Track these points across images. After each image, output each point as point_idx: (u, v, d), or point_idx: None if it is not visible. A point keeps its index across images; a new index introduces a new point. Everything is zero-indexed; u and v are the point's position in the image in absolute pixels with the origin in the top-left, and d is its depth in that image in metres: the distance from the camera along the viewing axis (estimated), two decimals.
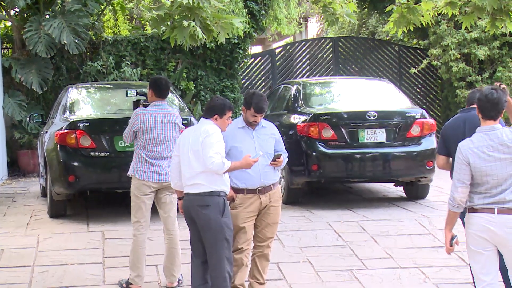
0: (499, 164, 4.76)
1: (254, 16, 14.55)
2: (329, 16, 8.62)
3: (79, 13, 13.07)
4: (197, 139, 5.54)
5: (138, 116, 6.44)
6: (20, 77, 13.13)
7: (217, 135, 5.53)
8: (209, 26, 7.33)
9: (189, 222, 5.71)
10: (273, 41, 26.07)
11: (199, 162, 5.50)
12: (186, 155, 5.59)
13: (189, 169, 5.58)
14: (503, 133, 4.79)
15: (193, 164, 5.54)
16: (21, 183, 12.68)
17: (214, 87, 14.51)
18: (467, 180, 4.82)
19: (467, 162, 4.79)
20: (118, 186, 8.99)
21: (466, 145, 4.84)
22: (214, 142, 5.47)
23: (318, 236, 8.06)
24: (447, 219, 5.00)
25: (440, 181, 11.36)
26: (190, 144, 5.58)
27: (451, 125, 5.97)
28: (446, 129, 5.98)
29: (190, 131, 5.73)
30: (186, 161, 5.60)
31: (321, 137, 9.41)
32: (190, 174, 5.57)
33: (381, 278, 6.80)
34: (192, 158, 5.55)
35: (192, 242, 5.77)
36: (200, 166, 5.50)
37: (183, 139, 5.70)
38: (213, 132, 5.52)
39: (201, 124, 5.69)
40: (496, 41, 14.77)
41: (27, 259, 7.22)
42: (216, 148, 5.45)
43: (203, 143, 5.48)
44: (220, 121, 5.66)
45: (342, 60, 16.75)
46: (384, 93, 10.66)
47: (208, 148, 5.44)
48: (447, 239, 4.97)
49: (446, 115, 16.06)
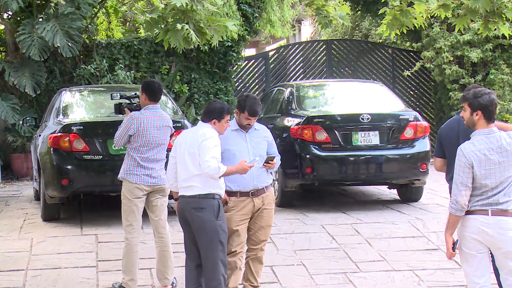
0: (498, 167, 4.77)
1: (247, 19, 14.56)
2: (323, 19, 8.62)
3: (73, 16, 13.04)
4: (194, 141, 5.54)
5: (134, 120, 6.43)
6: (13, 80, 13.10)
7: (214, 139, 5.54)
8: (203, 29, 7.32)
9: (184, 225, 5.70)
10: (267, 44, 26.07)
11: (195, 165, 5.51)
12: (182, 157, 5.60)
13: (185, 171, 5.58)
14: (502, 137, 4.80)
15: (189, 166, 5.55)
16: (15, 186, 12.65)
17: (208, 90, 14.52)
18: (470, 183, 4.80)
19: (470, 165, 4.78)
20: (111, 189, 8.98)
21: (468, 148, 4.82)
22: (211, 146, 5.47)
23: (312, 239, 8.06)
24: (448, 224, 4.93)
25: (434, 183, 11.39)
26: (187, 146, 5.58)
27: (446, 127, 5.99)
28: (442, 131, 6.00)
29: (187, 133, 5.74)
30: (182, 163, 5.61)
31: (314, 140, 9.42)
32: (185, 176, 5.58)
33: (375, 280, 6.81)
34: (188, 160, 5.55)
35: (186, 245, 5.76)
36: (195, 169, 5.51)
37: (180, 140, 5.71)
38: (211, 136, 5.53)
39: (199, 127, 5.69)
40: (489, 43, 14.81)
41: (20, 263, 7.20)
42: (212, 152, 5.45)
43: (200, 147, 5.48)
44: (219, 124, 5.67)
45: (336, 63, 16.77)
46: (377, 95, 10.68)
47: (205, 152, 5.44)
48: (448, 244, 4.92)
49: (439, 117, 16.09)
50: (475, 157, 4.77)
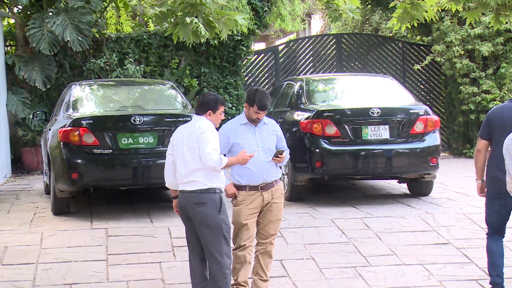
0: None
1: (257, 13, 14.53)
2: (333, 13, 8.59)
3: (82, 10, 13.06)
4: (192, 135, 5.51)
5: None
6: (23, 74, 13.14)
7: (212, 131, 5.51)
8: (212, 22, 7.32)
9: (185, 220, 5.69)
10: (277, 38, 26.01)
11: (194, 159, 5.48)
12: (181, 152, 5.56)
13: (184, 167, 5.54)
14: None
15: (188, 161, 5.51)
16: (25, 180, 12.70)
17: (218, 84, 14.51)
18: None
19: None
20: (121, 183, 9.01)
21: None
22: (210, 138, 5.45)
23: (321, 233, 8.05)
24: None
25: (444, 177, 11.37)
26: (185, 141, 5.55)
27: (499, 111, 5.96)
28: (494, 114, 5.97)
29: (183, 129, 5.70)
30: (181, 158, 5.57)
31: (324, 134, 9.39)
32: (185, 171, 5.54)
33: (385, 275, 6.79)
34: (187, 155, 5.51)
35: (188, 239, 5.75)
36: (195, 163, 5.47)
37: (177, 136, 5.68)
38: (208, 128, 5.50)
39: (194, 121, 5.66)
40: (500, 37, 14.72)
41: (30, 257, 7.22)
42: (212, 144, 5.43)
43: (199, 140, 5.45)
44: (214, 116, 5.65)
45: (346, 57, 16.71)
46: (387, 89, 10.63)
47: (205, 145, 5.41)
48: None
49: (449, 111, 16.03)
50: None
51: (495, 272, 6.01)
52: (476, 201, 8.62)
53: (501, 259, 6.04)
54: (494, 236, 6.07)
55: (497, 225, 6.04)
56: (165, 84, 10.68)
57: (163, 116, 9.02)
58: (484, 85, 14.74)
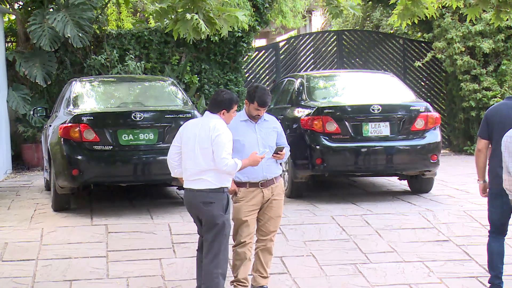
0: None
1: (258, 9, 14.51)
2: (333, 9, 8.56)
3: (83, 7, 13.06)
4: (206, 136, 5.46)
5: None
6: (24, 70, 13.14)
7: (227, 134, 5.47)
8: (212, 19, 7.29)
9: (196, 220, 5.70)
10: (278, 35, 26.01)
11: (206, 160, 5.44)
12: (191, 149, 5.52)
13: (194, 165, 5.51)
14: None
15: (199, 161, 5.48)
16: (25, 176, 12.70)
17: (218, 81, 14.50)
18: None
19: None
20: (121, 180, 9.01)
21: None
22: (226, 142, 5.41)
23: (322, 230, 8.05)
24: None
25: (445, 174, 11.37)
26: (198, 140, 5.49)
27: (496, 110, 5.95)
28: (492, 113, 5.97)
29: (195, 125, 5.64)
30: (191, 155, 5.52)
31: (325, 131, 9.39)
32: (195, 170, 5.50)
33: (385, 272, 6.79)
34: (199, 155, 5.47)
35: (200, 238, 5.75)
36: (207, 164, 5.44)
37: (188, 132, 5.61)
38: (223, 131, 5.45)
39: (207, 118, 5.61)
40: (501, 34, 14.70)
41: (31, 253, 7.22)
42: (228, 148, 5.39)
43: (214, 143, 5.40)
44: (227, 115, 5.63)
45: (346, 54, 16.69)
46: (388, 86, 10.63)
47: (221, 149, 5.37)
48: None
49: (450, 108, 16.02)
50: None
51: (494, 273, 6.04)
52: (476, 198, 8.63)
53: (501, 259, 6.04)
54: (496, 235, 6.07)
55: (499, 223, 6.03)
56: (166, 81, 10.68)
57: (163, 113, 9.02)
58: (485, 82, 14.73)
